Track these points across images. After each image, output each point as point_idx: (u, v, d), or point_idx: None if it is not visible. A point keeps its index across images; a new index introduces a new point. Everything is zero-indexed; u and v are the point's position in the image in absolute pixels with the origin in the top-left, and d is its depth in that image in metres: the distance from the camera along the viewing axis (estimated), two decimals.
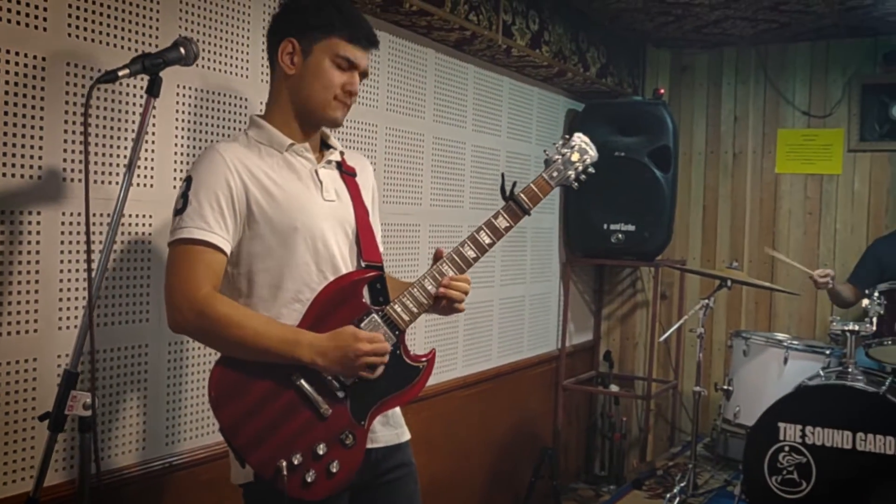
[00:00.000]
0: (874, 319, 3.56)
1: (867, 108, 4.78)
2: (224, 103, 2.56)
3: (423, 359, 1.98)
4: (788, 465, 3.37)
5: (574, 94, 4.81)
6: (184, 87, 2.42)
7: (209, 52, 2.51)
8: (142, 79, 1.92)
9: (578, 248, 4.81)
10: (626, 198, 4.50)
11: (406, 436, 2.10)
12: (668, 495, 3.81)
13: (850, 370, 3.46)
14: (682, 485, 3.87)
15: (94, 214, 2.19)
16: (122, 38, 2.24)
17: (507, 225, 2.04)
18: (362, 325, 1.89)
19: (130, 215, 2.30)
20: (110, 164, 2.23)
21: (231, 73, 2.58)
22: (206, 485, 2.55)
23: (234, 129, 2.58)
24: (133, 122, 2.28)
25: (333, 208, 1.98)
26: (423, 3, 3.00)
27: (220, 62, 2.54)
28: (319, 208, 1.95)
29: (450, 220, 3.74)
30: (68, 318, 2.15)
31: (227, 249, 1.85)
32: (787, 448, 3.38)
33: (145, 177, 2.33)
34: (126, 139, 2.26)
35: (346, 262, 1.98)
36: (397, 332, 1.93)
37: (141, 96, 2.28)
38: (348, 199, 2.03)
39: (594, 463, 5.21)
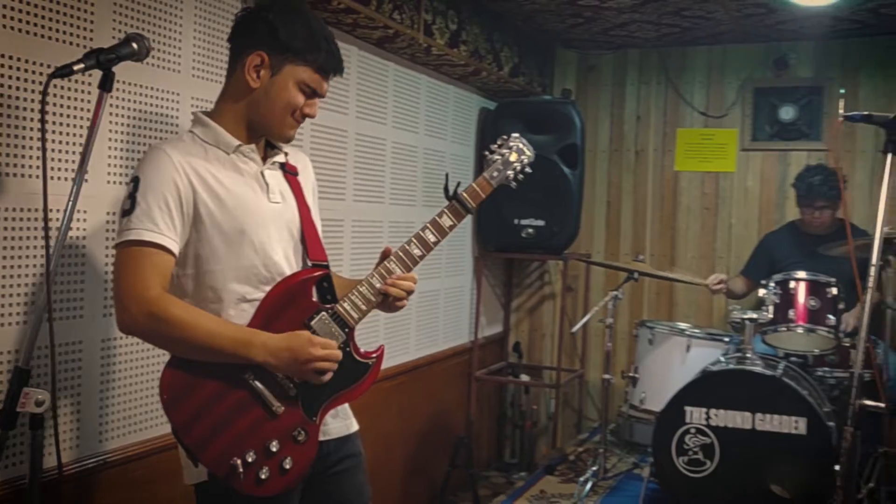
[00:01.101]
0: (770, 308, 3.83)
1: (759, 109, 5.08)
2: (157, 98, 2.54)
3: (373, 355, 2.02)
4: (694, 446, 3.58)
5: (486, 92, 4.93)
6: (117, 82, 2.40)
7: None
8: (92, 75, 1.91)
9: (490, 242, 4.94)
10: (537, 194, 4.65)
11: (355, 426, 2.16)
12: (581, 478, 3.98)
13: (748, 356, 3.69)
14: (595, 468, 4.05)
15: (27, 210, 2.16)
16: (59, 30, 2.21)
17: (451, 223, 2.09)
18: (312, 323, 1.92)
19: (58, 210, 2.27)
20: (52, 160, 2.21)
21: (164, 67, 2.57)
22: (139, 481, 2.54)
23: (166, 122, 2.57)
24: (64, 116, 2.25)
25: (279, 210, 2.00)
26: (350, 1, 3.05)
27: (152, 56, 2.52)
28: (266, 210, 1.97)
29: (372, 216, 3.79)
30: (9, 314, 2.12)
31: (176, 251, 1.85)
32: (692, 430, 3.58)
33: (70, 171, 2.30)
34: (62, 133, 2.23)
35: (290, 263, 2.01)
36: (347, 330, 1.96)
37: (86, 91, 2.25)
38: (293, 200, 2.06)
39: (505, 451, 5.37)
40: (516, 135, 2.25)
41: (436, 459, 4.44)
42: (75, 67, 1.67)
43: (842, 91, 4.87)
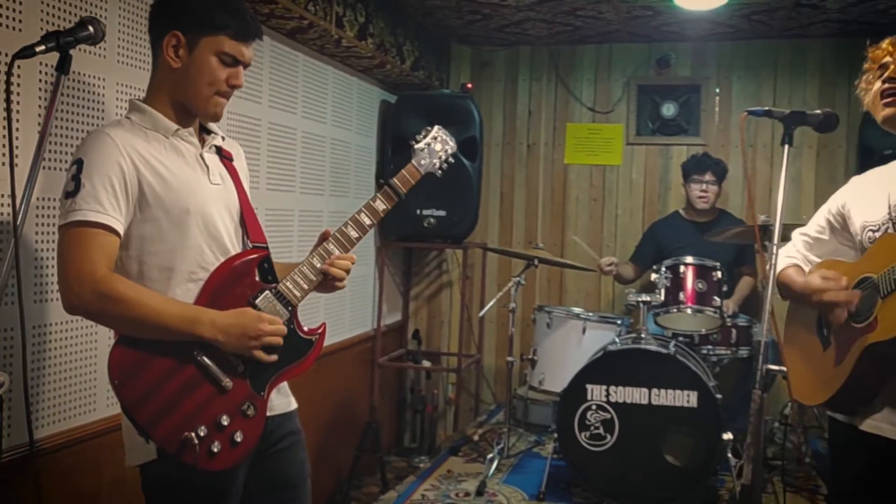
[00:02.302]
0: (662, 291, 4.11)
1: (642, 106, 5.40)
2: (82, 82, 2.52)
3: (316, 332, 2.10)
4: (595, 422, 3.80)
5: (387, 85, 5.02)
6: (43, 66, 2.37)
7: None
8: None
9: (392, 232, 5.04)
10: (438, 185, 4.75)
11: (294, 404, 2.22)
12: (489, 456, 4.14)
13: (643, 336, 3.96)
14: (500, 447, 4.23)
15: None
16: None
17: (385, 207, 2.19)
18: (257, 301, 1.98)
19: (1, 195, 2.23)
20: None
21: (89, 52, 2.54)
22: (68, 470, 2.51)
23: (91, 107, 2.55)
24: None
25: (220, 191, 2.04)
26: None
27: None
28: (208, 192, 2.01)
29: (283, 205, 3.83)
30: None
31: (122, 232, 1.87)
32: (594, 406, 3.80)
33: (3, 154, 2.26)
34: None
35: (233, 244, 2.05)
36: (290, 308, 2.03)
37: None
38: (231, 183, 2.10)
39: (404, 436, 5.49)
40: (438, 126, 2.37)
41: (342, 446, 4.50)
42: (37, 49, 1.67)
43: (717, 90, 5.27)
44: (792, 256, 2.42)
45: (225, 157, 2.14)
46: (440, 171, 2.35)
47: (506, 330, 5.48)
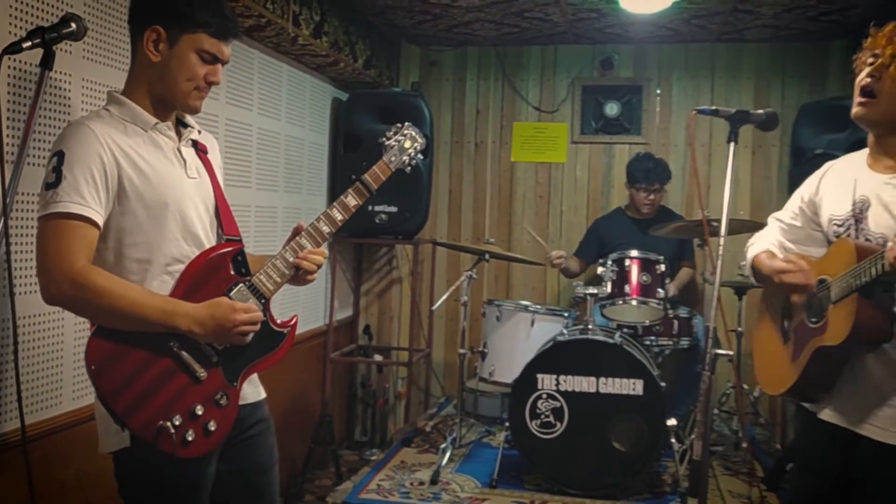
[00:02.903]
0: (609, 284, 4.26)
1: (586, 105, 5.56)
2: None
3: (288, 324, 2.19)
4: (546, 410, 3.94)
5: (339, 83, 5.09)
6: (9, 59, 2.38)
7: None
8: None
9: (344, 228, 5.04)
10: (390, 181, 4.84)
11: (263, 394, 2.30)
12: (442, 446, 4.24)
13: (590, 327, 4.10)
14: (453, 437, 4.34)
15: None
16: None
17: (356, 203, 2.27)
18: (231, 294, 2.05)
19: None
20: None
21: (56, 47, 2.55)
22: (35, 462, 2.53)
23: (58, 102, 2.57)
24: None
25: (196, 185, 2.10)
26: None
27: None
28: (185, 185, 2.06)
29: (240, 200, 3.87)
30: None
31: (101, 224, 1.91)
32: (544, 395, 3.94)
33: None
34: None
35: (209, 237, 2.12)
36: (263, 301, 2.11)
37: None
38: (207, 177, 2.16)
39: (355, 430, 5.56)
40: (408, 123, 2.44)
41: (295, 439, 4.56)
42: (24, 45, 1.71)
43: (658, 91, 5.46)
44: (771, 243, 2.44)
45: (200, 150, 2.19)
46: (409, 168, 2.42)
47: (454, 324, 5.63)
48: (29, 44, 1.73)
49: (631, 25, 4.95)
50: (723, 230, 2.34)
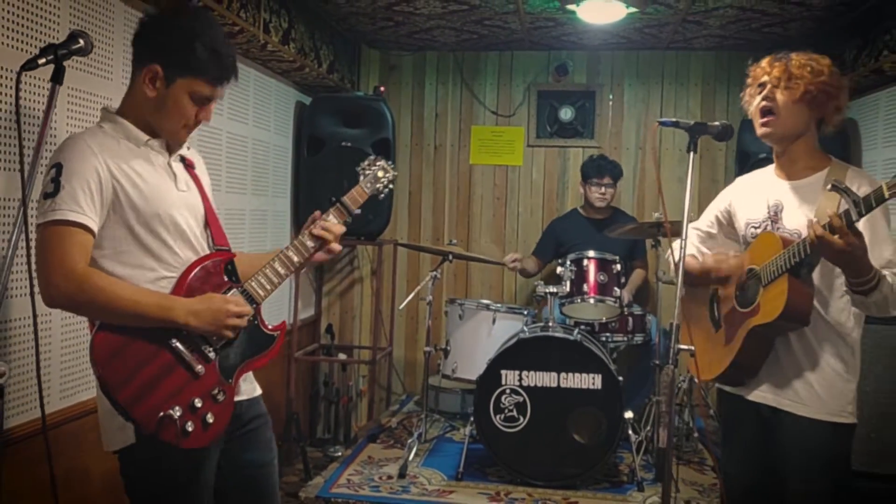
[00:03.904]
0: (568, 283, 4.44)
1: (542, 110, 5.75)
2: (26, 90, 2.61)
3: (278, 328, 2.33)
4: (509, 405, 4.10)
5: (302, 87, 5.18)
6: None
7: (30, 44, 2.54)
8: None
9: None
10: (353, 183, 4.95)
11: (259, 391, 2.41)
12: (409, 441, 4.37)
13: (550, 324, 4.28)
14: (419, 432, 4.47)
15: None
16: None
17: (336, 223, 2.43)
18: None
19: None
20: None
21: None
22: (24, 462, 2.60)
23: (34, 112, 2.64)
24: None
25: (186, 198, 2.22)
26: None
27: (28, 45, 2.59)
28: (176, 198, 2.18)
29: None
30: None
31: (96, 231, 2.02)
32: (508, 391, 4.09)
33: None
34: None
35: (201, 245, 2.24)
36: (255, 306, 2.24)
37: None
38: (196, 190, 2.28)
39: (317, 427, 5.66)
40: (380, 157, 2.66)
41: None
42: (39, 62, 1.80)
43: (610, 96, 5.66)
44: (692, 250, 2.76)
45: (188, 165, 2.31)
46: (382, 195, 2.64)
47: (414, 323, 5.77)
48: (44, 60, 1.81)
49: (585, 33, 5.14)
50: (684, 231, 2.51)
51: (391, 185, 2.63)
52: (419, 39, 5.40)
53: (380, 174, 2.58)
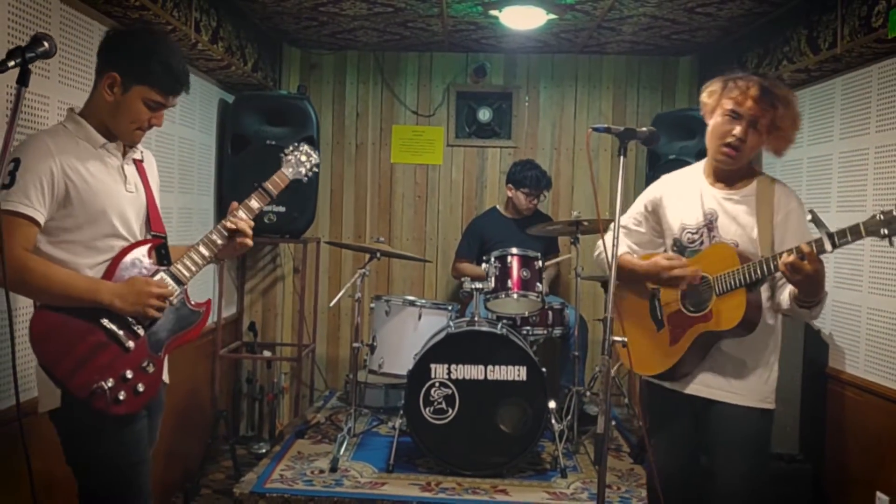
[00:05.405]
0: (492, 279, 4.59)
1: (460, 111, 5.89)
2: None
3: (202, 306, 2.56)
4: (438, 398, 4.22)
5: (225, 85, 5.16)
6: None
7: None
8: None
9: None
10: None
11: (167, 380, 2.59)
12: (339, 436, 4.45)
13: (476, 319, 4.43)
14: (349, 427, 4.55)
15: None
16: None
17: (259, 206, 2.65)
18: (154, 279, 2.40)
19: None
20: None
21: None
22: None
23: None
24: None
25: (133, 198, 2.47)
26: None
27: None
28: (123, 197, 2.42)
29: None
30: None
31: (42, 223, 2.23)
32: (437, 384, 4.22)
33: None
34: None
35: (137, 237, 2.47)
36: (181, 286, 2.46)
37: None
38: (143, 189, 2.52)
39: (241, 425, 5.65)
40: (304, 143, 2.85)
41: (187, 436, 4.63)
42: (9, 64, 1.82)
43: (526, 98, 5.85)
44: (623, 247, 2.85)
45: (140, 169, 2.54)
46: (306, 179, 2.84)
47: (336, 319, 5.84)
48: (12, 63, 1.84)
49: (504, 37, 5.30)
50: (616, 228, 2.66)
51: (315, 170, 2.84)
52: (341, 39, 5.46)
53: (302, 158, 2.79)
